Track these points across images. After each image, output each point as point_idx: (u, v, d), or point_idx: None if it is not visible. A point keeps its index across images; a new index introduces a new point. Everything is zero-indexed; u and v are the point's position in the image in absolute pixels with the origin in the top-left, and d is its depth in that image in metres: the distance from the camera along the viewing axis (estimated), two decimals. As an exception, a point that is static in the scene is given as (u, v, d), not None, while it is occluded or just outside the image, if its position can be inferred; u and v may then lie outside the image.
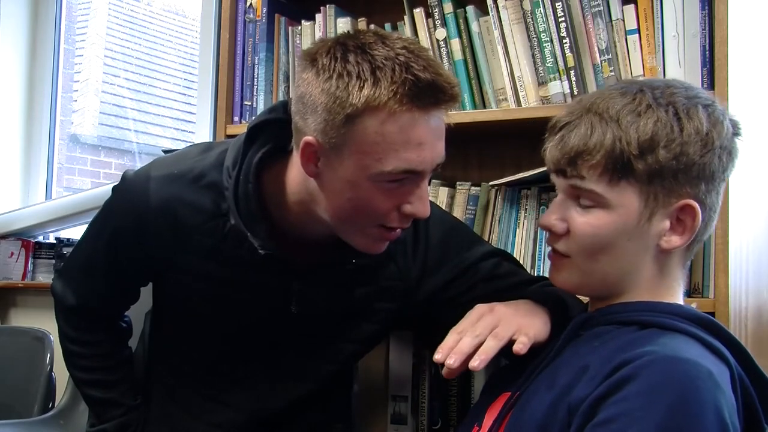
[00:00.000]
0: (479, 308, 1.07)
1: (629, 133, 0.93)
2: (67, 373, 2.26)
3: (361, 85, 0.99)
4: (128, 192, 1.21)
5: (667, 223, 0.95)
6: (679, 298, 0.99)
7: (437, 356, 1.02)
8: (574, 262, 0.99)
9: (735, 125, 0.98)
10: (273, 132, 1.15)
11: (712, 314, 1.24)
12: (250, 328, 1.24)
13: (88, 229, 1.31)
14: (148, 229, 1.19)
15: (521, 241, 1.53)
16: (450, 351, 1.02)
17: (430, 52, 1.06)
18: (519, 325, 1.04)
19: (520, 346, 1.01)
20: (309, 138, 1.04)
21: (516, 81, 1.53)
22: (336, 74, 1.00)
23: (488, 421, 1.01)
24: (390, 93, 0.98)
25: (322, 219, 1.10)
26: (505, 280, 1.25)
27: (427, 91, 0.99)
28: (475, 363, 1.00)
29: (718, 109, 0.96)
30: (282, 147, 1.13)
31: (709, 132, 0.93)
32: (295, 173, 1.12)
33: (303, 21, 1.78)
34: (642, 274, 0.97)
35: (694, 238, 0.96)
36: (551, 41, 1.48)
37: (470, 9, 1.58)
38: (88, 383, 1.35)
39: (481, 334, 1.02)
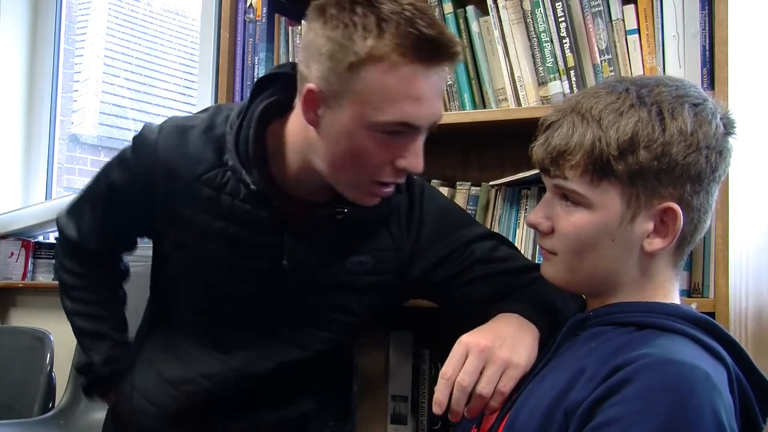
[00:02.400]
0: (464, 343, 1.04)
1: (609, 134, 0.92)
2: (67, 373, 2.28)
3: (366, 35, 1.01)
4: (141, 145, 1.24)
5: (650, 225, 0.94)
6: (674, 298, 0.99)
7: (435, 409, 1.01)
8: (561, 259, 0.99)
9: (728, 124, 0.96)
10: (279, 87, 1.18)
11: (712, 314, 1.24)
12: (243, 284, 1.24)
13: (102, 169, 1.33)
14: (151, 183, 1.22)
15: (521, 241, 1.53)
16: (442, 403, 1.01)
17: (435, 13, 1.08)
18: (506, 361, 1.02)
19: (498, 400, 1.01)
20: (311, 85, 1.06)
21: (516, 81, 1.53)
22: (342, 24, 1.03)
23: (487, 422, 1.01)
24: (393, 45, 1.01)
25: (319, 171, 1.13)
26: (503, 264, 1.24)
27: (429, 46, 1.02)
28: (487, 412, 1.02)
29: (708, 108, 0.94)
30: (287, 101, 1.16)
31: (695, 132, 0.92)
32: (296, 124, 1.14)
33: (303, 21, 1.78)
34: (628, 274, 0.97)
35: (682, 240, 0.95)
36: (551, 41, 1.48)
37: (470, 9, 1.58)
38: (78, 314, 1.37)
39: (469, 384, 1.01)
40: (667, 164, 0.91)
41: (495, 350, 1.03)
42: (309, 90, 1.06)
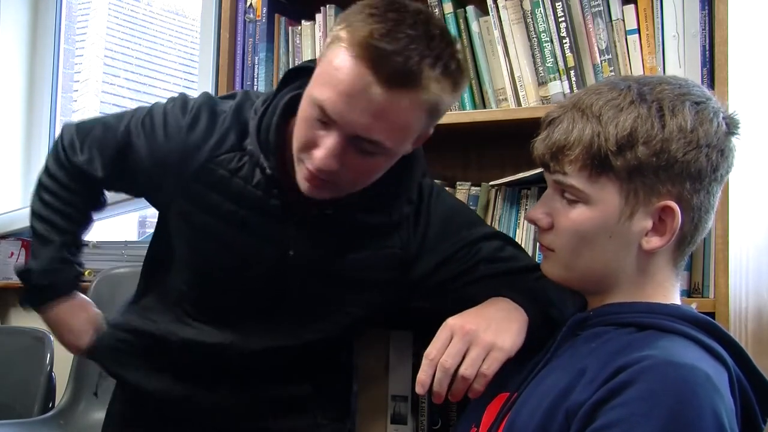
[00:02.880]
0: (449, 326, 1.06)
1: (608, 129, 0.92)
2: (67, 373, 2.28)
3: (355, 17, 1.02)
4: (173, 127, 1.24)
5: (649, 223, 0.94)
6: (674, 298, 0.99)
7: (418, 390, 1.03)
8: (558, 255, 0.99)
9: (732, 124, 0.96)
10: (306, 80, 1.17)
11: (712, 314, 1.23)
12: (245, 268, 1.24)
13: (129, 115, 1.30)
14: (168, 160, 1.22)
15: (522, 240, 1.53)
16: (425, 383, 1.03)
17: (448, 46, 1.03)
18: (490, 344, 1.03)
19: (481, 385, 1.03)
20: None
21: (516, 81, 1.53)
22: (357, 8, 1.04)
23: (486, 421, 1.01)
24: (357, 36, 1.00)
25: None
26: (507, 264, 1.24)
27: (385, 62, 0.98)
28: (471, 395, 1.03)
29: (711, 107, 0.94)
30: None
31: (695, 129, 0.92)
32: None
33: (303, 21, 1.78)
34: (626, 272, 0.96)
35: (681, 239, 0.95)
36: (551, 41, 1.48)
37: (470, 9, 1.58)
38: (39, 217, 1.37)
39: (452, 365, 1.02)
40: (666, 161, 0.91)
41: (479, 333, 1.04)
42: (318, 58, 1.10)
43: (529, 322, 1.08)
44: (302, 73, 1.19)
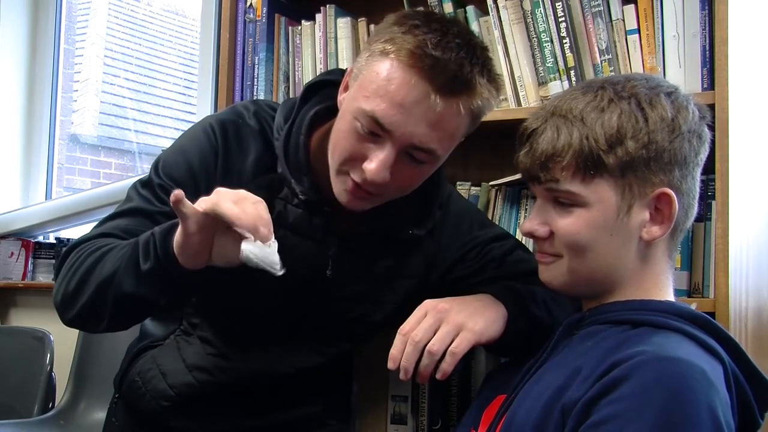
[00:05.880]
0: (425, 305, 1.08)
1: (595, 130, 0.94)
2: (67, 373, 2.27)
3: (395, 31, 1.03)
4: (206, 137, 1.18)
5: (646, 214, 0.95)
6: (668, 293, 1.00)
7: (390, 365, 1.06)
8: (564, 261, 0.99)
9: (701, 109, 0.99)
10: (327, 93, 1.18)
11: (712, 314, 1.24)
12: (280, 289, 1.18)
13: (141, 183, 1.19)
14: (213, 177, 1.16)
15: (521, 240, 1.52)
16: (396, 358, 1.05)
17: (487, 54, 1.07)
18: (460, 324, 1.05)
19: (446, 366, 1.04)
20: (350, 67, 1.11)
21: (516, 81, 1.53)
22: (392, 20, 1.06)
23: (485, 423, 1.01)
24: (408, 49, 1.01)
25: None
26: (516, 266, 1.25)
27: (441, 70, 1.00)
28: (438, 375, 1.05)
29: (682, 95, 0.97)
30: (335, 109, 1.15)
31: (675, 118, 0.95)
32: None
33: (303, 21, 1.78)
34: (628, 268, 0.97)
35: (675, 227, 0.97)
36: (551, 41, 1.48)
37: (470, 9, 1.59)
38: (116, 263, 1.08)
39: (422, 339, 1.04)
40: (655, 151, 0.94)
41: (451, 313, 1.06)
42: (348, 70, 1.10)
43: (507, 316, 1.09)
44: (322, 87, 1.20)
